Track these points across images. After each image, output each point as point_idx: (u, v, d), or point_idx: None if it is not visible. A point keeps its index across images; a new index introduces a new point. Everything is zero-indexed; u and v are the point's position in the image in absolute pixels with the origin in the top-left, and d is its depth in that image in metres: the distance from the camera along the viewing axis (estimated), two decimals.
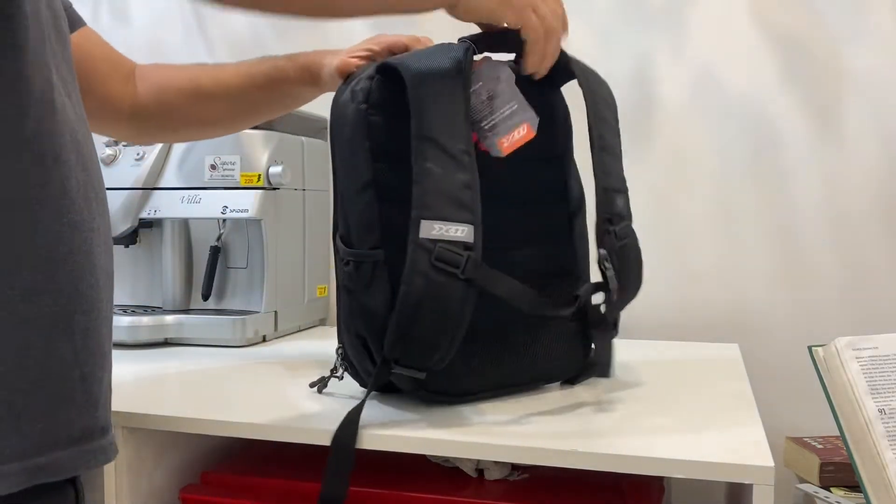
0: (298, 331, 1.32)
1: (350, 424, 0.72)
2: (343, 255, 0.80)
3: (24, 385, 0.60)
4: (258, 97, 0.97)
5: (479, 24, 0.81)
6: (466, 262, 0.71)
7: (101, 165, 1.21)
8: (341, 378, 0.86)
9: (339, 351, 0.85)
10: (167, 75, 0.97)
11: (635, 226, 1.31)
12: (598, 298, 0.84)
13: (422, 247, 0.71)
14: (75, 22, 0.91)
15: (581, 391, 0.88)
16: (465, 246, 0.72)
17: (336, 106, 0.81)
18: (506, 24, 0.77)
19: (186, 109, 0.97)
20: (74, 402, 0.62)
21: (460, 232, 0.72)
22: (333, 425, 0.74)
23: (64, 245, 0.62)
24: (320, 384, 0.87)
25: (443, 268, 0.71)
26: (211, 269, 1.21)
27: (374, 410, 0.80)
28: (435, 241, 0.71)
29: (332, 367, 0.87)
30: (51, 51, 0.63)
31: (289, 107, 1.03)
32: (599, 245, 0.80)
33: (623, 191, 0.85)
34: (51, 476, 0.60)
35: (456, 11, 0.76)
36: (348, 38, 1.42)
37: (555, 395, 0.85)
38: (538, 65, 0.80)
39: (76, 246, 0.63)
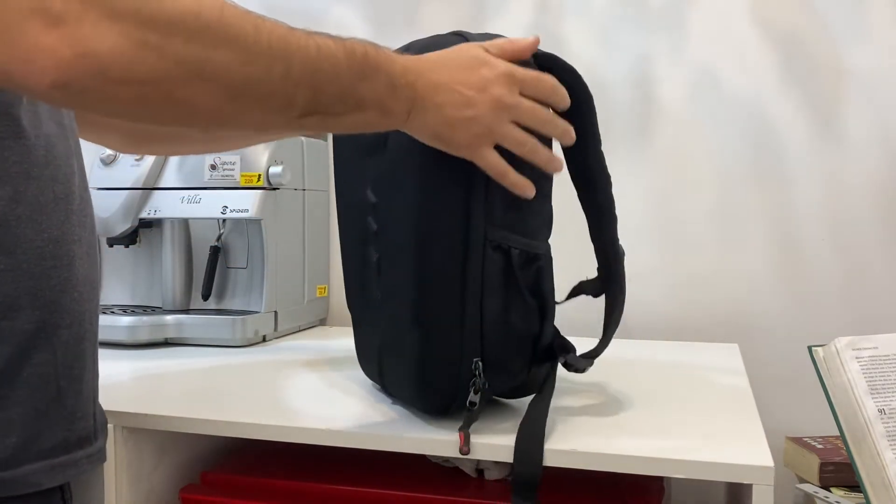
0: (298, 331, 1.32)
1: (536, 427, 0.69)
2: (535, 249, 0.75)
3: None
4: (274, 135, 0.98)
5: None
6: None
7: (101, 165, 1.22)
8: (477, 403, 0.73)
9: (478, 367, 0.73)
10: None
11: (635, 225, 1.31)
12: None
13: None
14: None
15: (580, 391, 0.88)
16: None
17: None
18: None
19: (184, 135, 0.95)
20: (48, 417, 0.62)
21: None
22: (333, 425, 0.74)
23: (45, 260, 0.62)
24: (466, 424, 0.71)
25: None
26: (211, 269, 1.21)
27: (375, 411, 0.80)
28: None
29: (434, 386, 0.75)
30: None
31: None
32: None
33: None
34: (18, 490, 0.60)
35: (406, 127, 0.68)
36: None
37: (554, 396, 0.85)
38: (524, 188, 0.72)
39: (58, 260, 0.63)
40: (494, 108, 0.67)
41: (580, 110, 0.75)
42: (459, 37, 0.75)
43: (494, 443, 0.69)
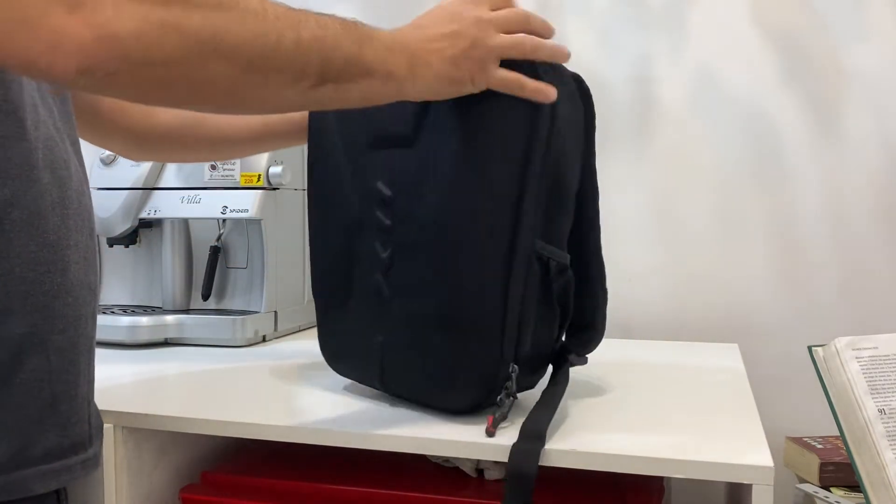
0: (298, 331, 1.32)
1: (535, 439, 0.68)
2: (564, 260, 0.78)
3: None
4: (264, 146, 0.99)
5: None
6: None
7: (101, 165, 1.22)
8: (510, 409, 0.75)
9: (514, 371, 0.74)
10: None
11: (635, 225, 1.32)
12: None
13: None
14: None
15: (580, 391, 0.88)
16: None
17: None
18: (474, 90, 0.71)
19: (188, 142, 0.96)
20: (42, 423, 0.62)
21: None
22: (333, 425, 0.74)
23: (39, 265, 0.62)
24: (499, 420, 0.72)
25: None
26: (211, 269, 1.21)
27: (374, 411, 0.80)
28: None
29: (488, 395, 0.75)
30: None
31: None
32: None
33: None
34: (11, 495, 0.60)
35: (406, 97, 0.70)
36: None
37: None
38: (546, 94, 0.72)
39: (52, 265, 0.63)
40: (479, 25, 0.69)
41: (587, 121, 0.79)
42: None
43: (494, 442, 0.70)
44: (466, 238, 0.73)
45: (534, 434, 0.68)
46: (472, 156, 0.72)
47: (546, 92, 0.71)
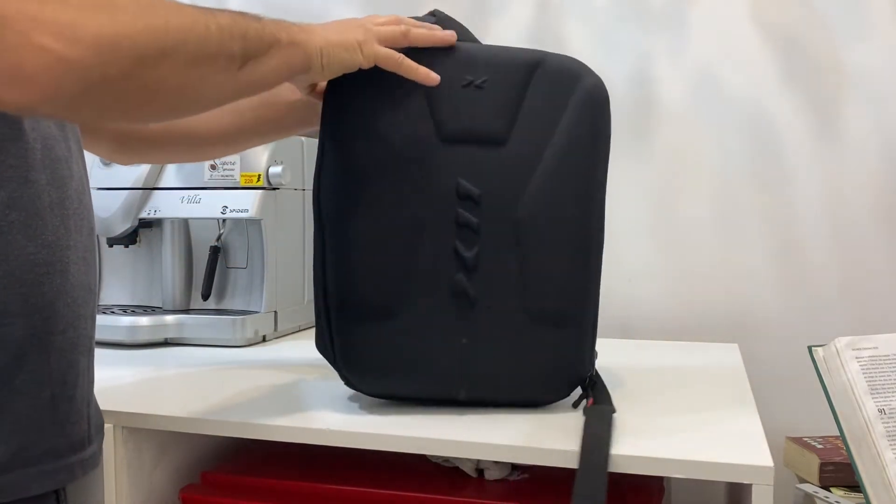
0: (298, 331, 1.32)
1: (603, 430, 0.71)
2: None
3: None
4: (243, 144, 0.98)
5: None
6: None
7: (101, 165, 1.22)
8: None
9: (597, 356, 0.82)
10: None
11: (635, 225, 1.31)
12: None
13: None
14: None
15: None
16: None
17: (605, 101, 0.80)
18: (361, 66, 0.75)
19: (169, 143, 0.94)
20: (40, 423, 0.62)
21: None
22: (333, 425, 0.74)
23: (39, 266, 0.62)
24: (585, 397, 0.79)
25: None
26: (211, 269, 1.21)
27: (374, 411, 0.80)
28: None
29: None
30: None
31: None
32: None
33: None
34: (8, 496, 0.60)
35: (312, 74, 0.73)
36: None
37: None
38: (426, 76, 0.76)
39: (51, 266, 0.63)
40: (362, 20, 0.76)
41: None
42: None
43: (494, 443, 0.70)
44: (575, 235, 0.78)
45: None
46: (583, 155, 0.78)
47: (428, 75, 0.75)
